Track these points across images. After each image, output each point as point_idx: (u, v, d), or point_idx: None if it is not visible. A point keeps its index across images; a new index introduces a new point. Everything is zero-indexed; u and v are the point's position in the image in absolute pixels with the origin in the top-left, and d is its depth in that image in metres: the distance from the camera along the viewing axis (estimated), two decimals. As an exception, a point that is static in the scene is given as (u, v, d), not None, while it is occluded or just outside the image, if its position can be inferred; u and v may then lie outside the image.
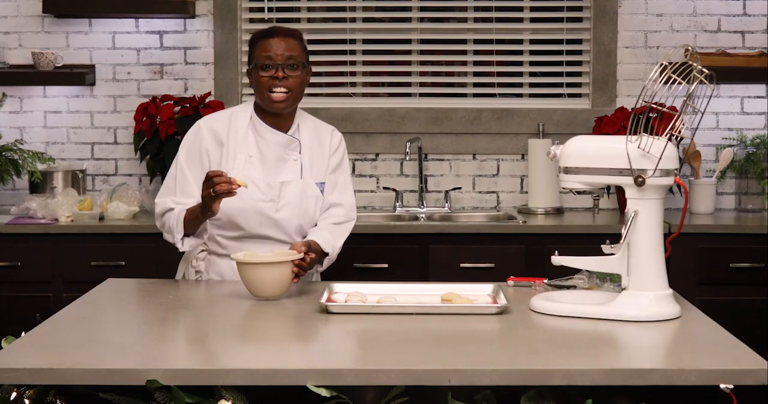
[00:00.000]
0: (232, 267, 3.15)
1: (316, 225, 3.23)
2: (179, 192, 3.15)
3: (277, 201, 3.15)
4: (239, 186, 2.89)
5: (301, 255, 2.90)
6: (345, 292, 2.87)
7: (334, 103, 4.76)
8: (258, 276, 2.80)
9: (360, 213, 3.70)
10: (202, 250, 3.24)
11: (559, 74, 4.78)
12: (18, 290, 4.16)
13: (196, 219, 3.05)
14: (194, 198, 3.11)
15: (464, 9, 4.78)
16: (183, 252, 3.29)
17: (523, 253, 4.18)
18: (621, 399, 2.25)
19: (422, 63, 4.81)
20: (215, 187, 2.88)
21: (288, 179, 3.18)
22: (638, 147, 2.57)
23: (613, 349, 2.45)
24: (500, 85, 4.80)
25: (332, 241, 3.16)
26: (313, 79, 4.79)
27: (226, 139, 3.18)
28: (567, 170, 2.68)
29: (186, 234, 3.11)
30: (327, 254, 3.14)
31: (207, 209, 2.95)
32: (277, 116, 3.18)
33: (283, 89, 3.11)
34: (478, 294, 2.87)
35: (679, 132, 2.62)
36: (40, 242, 4.16)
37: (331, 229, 3.20)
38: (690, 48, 2.73)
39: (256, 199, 3.12)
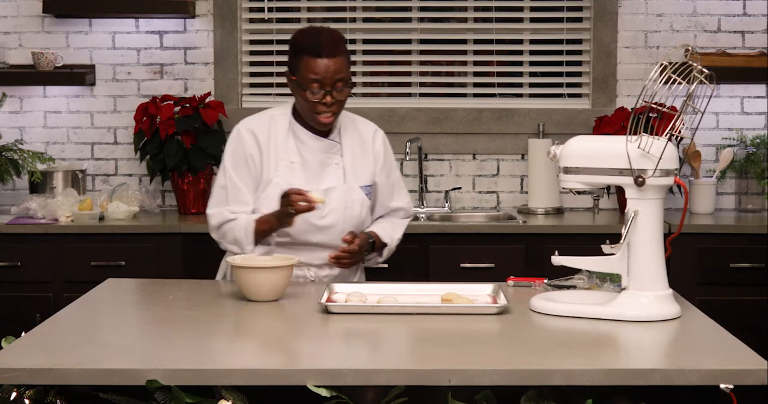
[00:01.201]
0: None
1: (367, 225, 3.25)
2: (232, 200, 3.13)
3: (322, 208, 3.11)
4: (317, 202, 2.94)
5: (296, 260, 2.90)
6: (345, 292, 2.87)
7: (334, 103, 4.75)
8: (255, 281, 2.81)
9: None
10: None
11: (559, 74, 4.79)
12: (18, 290, 4.16)
13: (270, 230, 3.06)
14: (248, 205, 3.11)
15: (464, 9, 4.78)
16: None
17: (523, 253, 4.18)
18: (621, 399, 2.25)
19: (422, 63, 4.81)
20: (294, 206, 2.92)
21: (331, 185, 3.15)
22: (638, 147, 2.57)
23: (613, 349, 2.45)
24: (500, 85, 4.80)
25: (391, 232, 3.22)
26: (313, 79, 4.80)
27: (267, 144, 3.14)
28: (567, 170, 2.68)
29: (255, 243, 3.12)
30: (386, 244, 3.19)
31: (283, 223, 3.01)
32: None
33: (330, 113, 3.07)
34: (478, 294, 2.87)
35: (679, 132, 2.62)
36: (40, 242, 4.16)
37: (391, 221, 3.26)
38: (690, 48, 2.73)
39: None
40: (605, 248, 2.67)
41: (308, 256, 3.13)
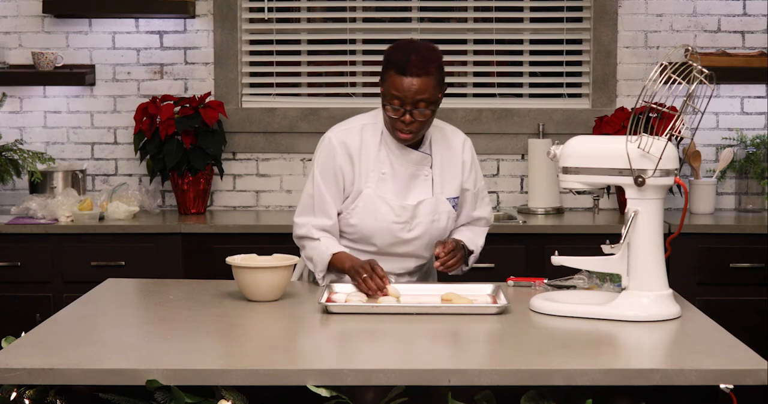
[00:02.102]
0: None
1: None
2: (318, 212, 3.10)
3: (410, 222, 3.10)
4: (386, 295, 2.85)
5: (296, 260, 2.90)
6: (345, 292, 2.88)
7: (334, 103, 4.75)
8: (255, 281, 2.81)
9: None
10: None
11: (559, 74, 4.78)
12: (18, 290, 4.16)
13: (341, 270, 3.04)
14: (332, 219, 3.09)
15: (464, 9, 4.78)
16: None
17: (523, 253, 4.18)
18: (621, 399, 2.25)
19: (422, 63, 4.80)
20: (366, 280, 2.87)
21: (420, 198, 3.12)
22: (638, 147, 2.57)
23: (613, 349, 2.45)
24: (500, 85, 4.80)
25: (475, 240, 3.19)
26: (313, 79, 4.80)
27: (358, 154, 3.09)
28: (567, 170, 2.68)
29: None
30: (471, 252, 3.16)
31: (350, 275, 2.97)
32: None
33: (408, 131, 3.01)
34: (478, 294, 2.87)
35: (679, 132, 2.62)
36: (40, 242, 4.16)
37: (472, 229, 3.22)
38: (690, 48, 2.73)
39: (390, 221, 3.07)
40: (605, 248, 2.67)
41: (392, 266, 3.11)
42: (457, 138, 3.20)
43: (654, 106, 2.54)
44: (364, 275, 2.88)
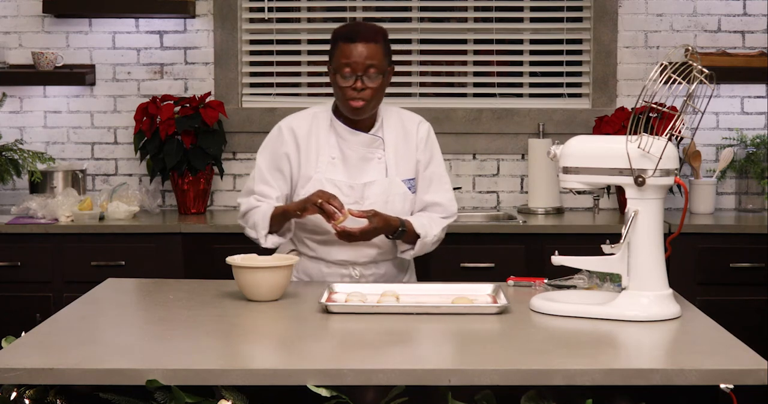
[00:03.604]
0: (319, 269, 3.17)
1: None
2: (258, 193, 3.15)
3: (361, 202, 3.11)
4: (342, 217, 2.92)
5: (296, 260, 2.90)
6: (345, 292, 2.87)
7: (334, 103, 4.75)
8: (255, 281, 2.81)
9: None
10: (291, 250, 3.22)
11: (559, 74, 4.79)
12: (18, 290, 4.16)
13: (284, 215, 3.06)
14: (272, 200, 3.12)
15: (464, 9, 4.78)
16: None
17: (523, 253, 4.18)
18: (621, 399, 2.25)
19: (422, 63, 4.81)
20: (322, 204, 2.92)
21: (371, 179, 3.14)
22: (638, 147, 2.57)
23: (613, 349, 2.45)
24: (500, 85, 4.80)
25: (428, 226, 3.14)
26: (313, 79, 4.80)
27: (307, 140, 3.14)
28: (567, 170, 2.68)
29: (270, 232, 3.11)
30: (419, 236, 3.11)
31: (301, 211, 2.99)
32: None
33: (360, 99, 3.05)
34: (478, 294, 2.87)
35: (679, 132, 2.62)
36: (40, 242, 4.16)
37: (430, 216, 3.19)
38: (690, 48, 2.73)
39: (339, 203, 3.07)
40: (605, 248, 2.67)
41: (352, 254, 3.12)
42: (413, 120, 3.22)
43: (654, 105, 2.54)
44: (320, 201, 2.93)
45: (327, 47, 3.19)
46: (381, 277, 3.19)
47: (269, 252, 3.13)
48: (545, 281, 3.03)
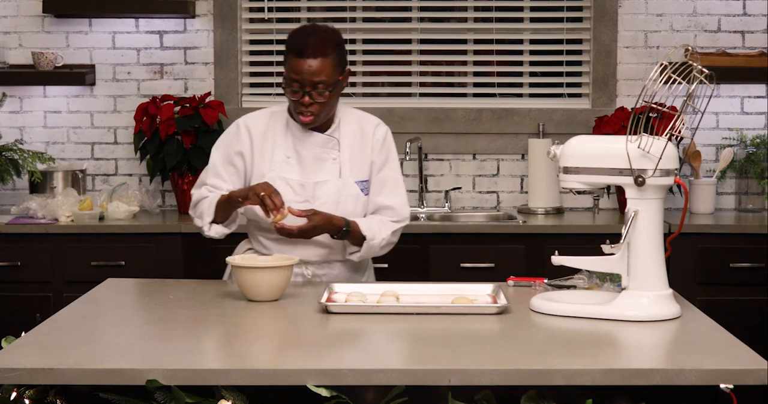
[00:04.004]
0: None
1: None
2: (211, 186, 3.16)
3: (311, 201, 3.11)
4: (281, 213, 2.92)
5: (296, 260, 2.90)
6: (345, 292, 2.87)
7: (334, 103, 4.75)
8: (255, 281, 2.81)
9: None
10: (249, 249, 3.23)
11: (559, 74, 4.79)
12: (18, 290, 4.16)
13: (228, 202, 3.06)
14: (224, 192, 3.12)
15: (464, 9, 4.78)
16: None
17: (523, 253, 4.18)
18: (621, 399, 2.25)
19: (422, 63, 4.81)
20: (264, 197, 2.92)
21: (324, 179, 3.14)
22: (638, 147, 2.57)
23: (613, 349, 2.45)
24: (500, 85, 4.80)
25: (376, 229, 3.12)
26: (313, 79, 4.80)
27: (262, 139, 3.16)
28: (567, 170, 2.67)
29: (215, 221, 3.11)
30: (365, 238, 3.10)
31: (243, 198, 2.99)
32: None
33: (309, 113, 3.05)
34: (478, 294, 2.87)
35: (679, 132, 2.62)
36: (40, 242, 4.16)
37: (380, 220, 3.16)
38: (690, 48, 2.73)
39: (289, 201, 3.05)
40: (605, 248, 2.67)
41: (303, 253, 3.11)
42: (371, 122, 3.22)
43: (654, 105, 2.54)
44: (263, 193, 2.93)
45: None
46: (335, 278, 3.19)
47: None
48: (545, 281, 3.03)
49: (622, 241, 2.63)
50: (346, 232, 3.08)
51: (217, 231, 3.13)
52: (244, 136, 3.17)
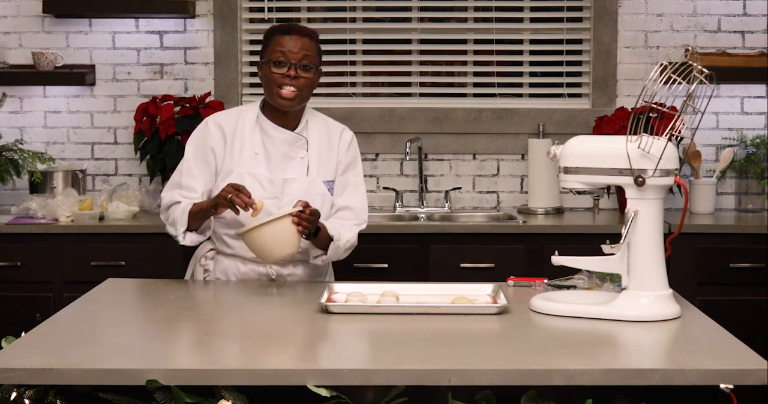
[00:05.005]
0: (236, 267, 3.17)
1: None
2: (184, 187, 3.18)
3: (280, 198, 3.14)
4: (254, 208, 2.94)
5: (299, 207, 2.92)
6: (345, 292, 2.87)
7: (334, 103, 4.75)
8: (262, 239, 2.83)
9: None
10: (211, 249, 3.24)
11: (559, 74, 4.79)
12: (18, 290, 4.16)
13: (201, 213, 3.07)
14: (198, 193, 3.15)
15: (464, 9, 4.78)
16: (191, 251, 3.31)
17: (523, 253, 4.18)
18: (621, 399, 2.25)
19: (422, 63, 4.81)
20: (233, 198, 2.93)
21: (292, 176, 3.17)
22: (638, 147, 2.57)
23: (613, 349, 2.45)
24: (500, 85, 4.80)
25: (341, 230, 3.14)
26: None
27: (232, 135, 3.18)
28: (567, 170, 2.68)
29: (189, 229, 3.12)
30: (331, 239, 3.10)
31: (214, 209, 3.02)
32: (284, 114, 3.18)
33: (293, 88, 3.10)
34: (478, 294, 2.87)
35: (679, 132, 2.62)
36: (40, 242, 4.16)
37: (342, 222, 3.19)
38: (690, 48, 2.73)
39: (258, 197, 3.08)
40: (605, 248, 2.67)
41: None
42: (337, 128, 3.29)
43: (654, 106, 2.54)
44: (230, 195, 2.95)
45: (327, 47, 3.21)
46: (300, 278, 3.21)
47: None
48: (545, 281, 3.03)
49: (622, 241, 2.63)
50: (317, 231, 3.10)
51: (192, 239, 3.15)
52: (215, 133, 3.19)
